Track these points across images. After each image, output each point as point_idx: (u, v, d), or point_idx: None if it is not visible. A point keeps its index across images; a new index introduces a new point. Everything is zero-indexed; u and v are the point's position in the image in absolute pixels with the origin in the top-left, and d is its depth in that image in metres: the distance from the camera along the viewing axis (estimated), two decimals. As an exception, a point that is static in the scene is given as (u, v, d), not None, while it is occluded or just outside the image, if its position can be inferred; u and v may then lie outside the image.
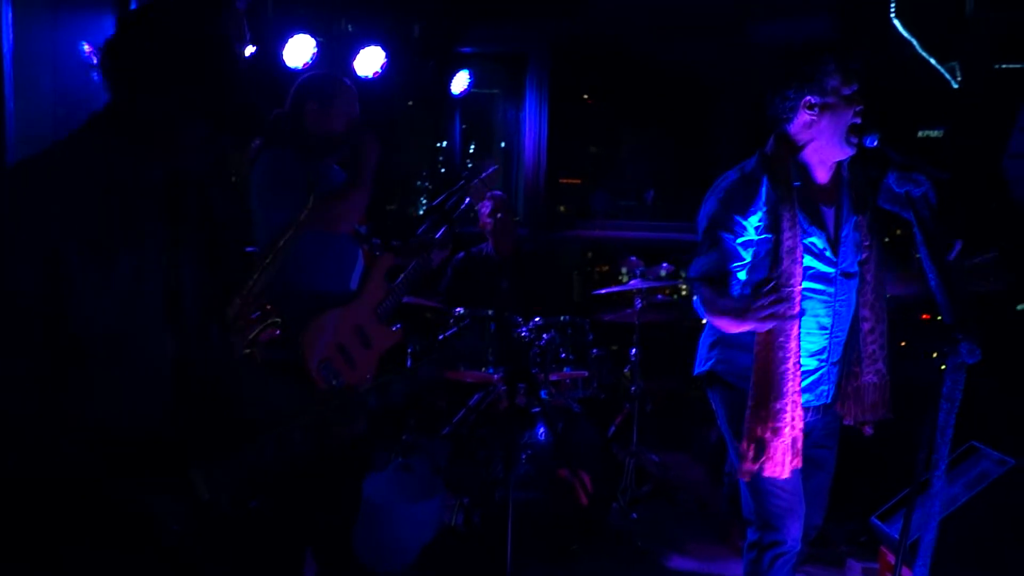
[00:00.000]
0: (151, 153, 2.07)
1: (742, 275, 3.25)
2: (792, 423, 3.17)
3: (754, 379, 3.20)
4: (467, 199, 4.44)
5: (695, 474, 6.16)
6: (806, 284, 3.20)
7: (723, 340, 3.41)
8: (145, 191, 2.06)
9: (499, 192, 6.11)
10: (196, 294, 2.16)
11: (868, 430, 3.38)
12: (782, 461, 3.18)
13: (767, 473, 3.19)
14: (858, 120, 3.15)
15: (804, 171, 3.27)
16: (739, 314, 3.09)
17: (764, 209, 3.18)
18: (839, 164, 3.31)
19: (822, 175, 3.28)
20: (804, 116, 3.20)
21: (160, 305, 2.08)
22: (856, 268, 3.30)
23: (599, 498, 4.91)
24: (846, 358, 3.36)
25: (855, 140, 3.15)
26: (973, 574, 3.78)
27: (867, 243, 3.29)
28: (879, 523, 4.18)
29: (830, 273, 3.26)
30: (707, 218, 3.27)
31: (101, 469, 1.95)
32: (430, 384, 2.53)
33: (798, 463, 3.22)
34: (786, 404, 3.16)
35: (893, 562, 3.05)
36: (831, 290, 3.27)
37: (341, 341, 3.63)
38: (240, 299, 2.98)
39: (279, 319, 3.12)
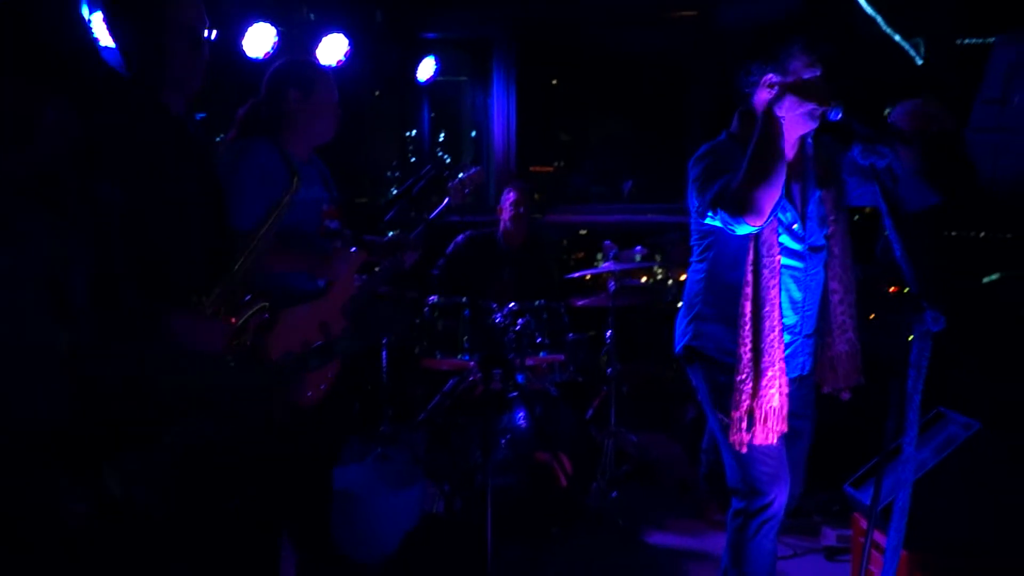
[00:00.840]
0: (9, 146, 2.02)
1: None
2: (780, 389, 3.24)
3: (743, 351, 3.24)
4: (446, 199, 4.39)
5: (673, 453, 6.21)
6: None
7: (699, 315, 3.45)
8: (15, 186, 2.01)
9: (524, 183, 6.15)
10: (86, 284, 2.10)
11: (845, 395, 3.47)
12: (772, 428, 3.24)
13: (758, 441, 3.25)
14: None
15: None
16: (768, 129, 3.04)
17: None
18: (803, 140, 3.34)
19: (787, 151, 3.31)
20: (765, 94, 3.23)
21: (44, 298, 2.03)
22: (823, 242, 3.35)
23: (579, 480, 4.94)
24: (820, 330, 3.41)
25: (817, 114, 3.18)
26: (943, 536, 3.83)
27: (832, 217, 3.34)
28: (852, 490, 4.22)
29: (799, 248, 3.31)
30: (702, 174, 3.27)
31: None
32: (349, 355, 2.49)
33: (784, 427, 3.28)
34: (776, 372, 3.22)
35: (866, 528, 3.09)
36: (801, 265, 3.32)
37: (305, 337, 3.57)
38: (221, 287, 2.94)
39: (267, 303, 3.10)
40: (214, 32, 2.95)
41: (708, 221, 3.21)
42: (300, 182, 3.34)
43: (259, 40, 5.43)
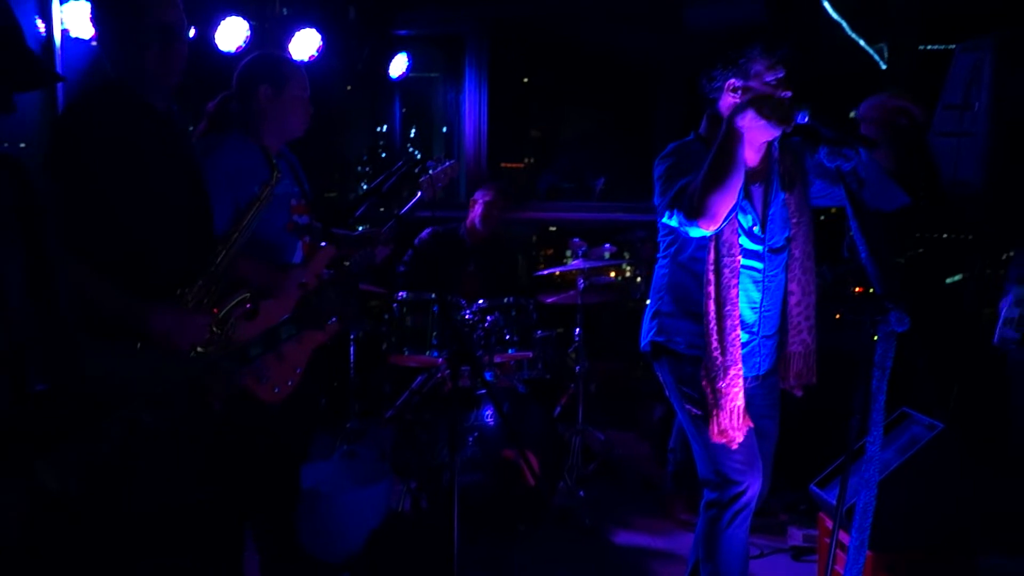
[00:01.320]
0: None
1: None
2: (743, 387, 3.29)
3: (710, 350, 3.27)
4: (419, 193, 4.37)
5: (640, 451, 6.24)
6: None
7: (663, 311, 3.48)
8: None
9: (502, 184, 6.15)
10: (18, 279, 2.06)
11: (798, 392, 3.51)
12: (736, 425, 3.28)
13: (726, 439, 3.29)
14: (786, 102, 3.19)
15: None
16: (728, 139, 3.04)
17: None
18: (769, 143, 3.37)
19: (751, 155, 3.33)
20: (729, 98, 3.26)
21: None
22: (783, 243, 3.38)
23: (546, 478, 4.94)
24: (780, 330, 3.45)
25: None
26: (907, 536, 3.88)
27: (795, 220, 3.37)
28: (817, 490, 4.26)
29: (758, 250, 3.34)
30: (664, 174, 3.30)
31: None
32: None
33: (749, 423, 3.32)
34: (738, 370, 3.27)
35: (832, 527, 3.12)
36: (760, 266, 3.35)
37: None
38: (205, 278, 2.96)
39: (249, 293, 3.10)
40: (192, 30, 2.98)
41: (666, 220, 3.25)
42: (279, 173, 3.34)
43: (232, 34, 5.41)
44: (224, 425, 3.05)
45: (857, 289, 5.31)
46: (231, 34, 5.40)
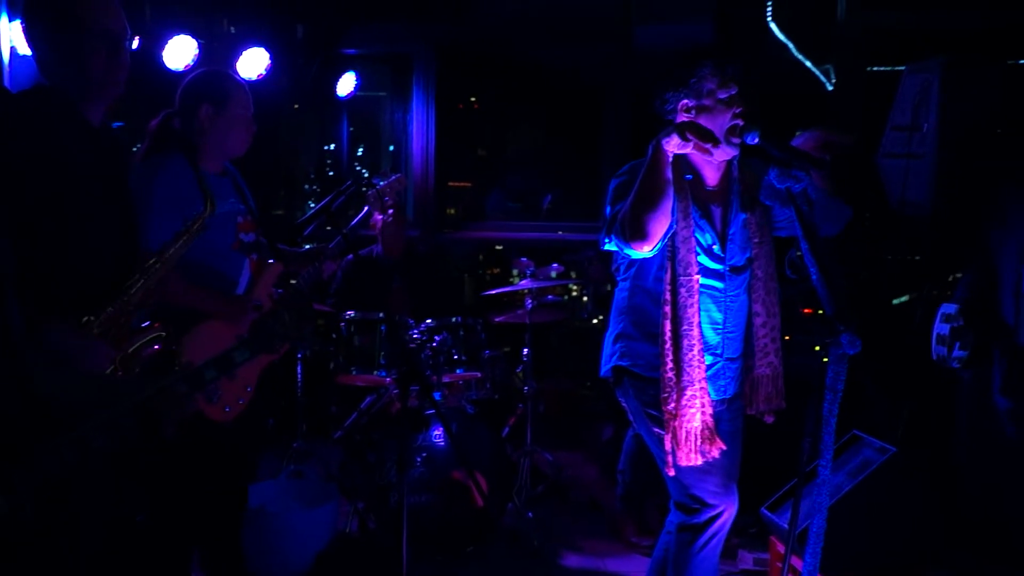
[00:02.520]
0: None
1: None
2: (702, 410, 3.25)
3: (664, 370, 3.25)
4: (365, 207, 4.34)
5: (589, 473, 6.21)
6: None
7: (625, 334, 3.46)
8: None
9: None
10: None
11: (768, 419, 3.49)
12: (696, 449, 3.25)
13: (682, 463, 3.26)
14: (738, 122, 3.20)
15: (693, 169, 3.34)
16: (655, 160, 3.06)
17: None
18: (729, 163, 3.37)
19: (710, 174, 3.35)
20: (682, 118, 3.26)
21: None
22: (744, 263, 3.38)
23: (494, 499, 4.91)
24: (745, 353, 3.44)
25: (736, 141, 3.21)
26: (859, 561, 3.89)
27: (756, 240, 3.37)
28: (768, 513, 4.27)
29: (719, 269, 3.33)
30: (613, 192, 3.31)
31: None
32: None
33: (716, 448, 3.28)
34: (696, 392, 3.24)
35: (783, 551, 3.12)
36: (720, 286, 3.34)
37: (219, 351, 3.50)
38: (115, 307, 2.83)
39: (163, 334, 3.00)
40: (136, 40, 2.89)
41: (608, 246, 3.27)
42: (214, 206, 3.26)
43: (180, 52, 5.36)
44: (172, 445, 2.97)
45: (805, 310, 5.33)
46: (179, 52, 5.36)
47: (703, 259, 3.29)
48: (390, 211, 5.88)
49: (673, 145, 3.02)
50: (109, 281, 2.83)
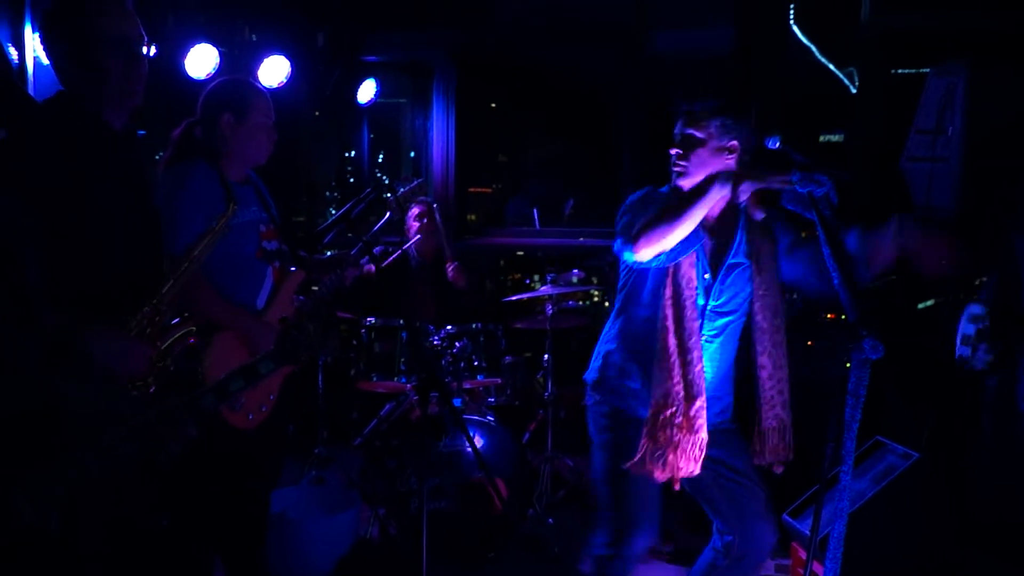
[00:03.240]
0: None
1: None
2: (707, 422, 3.26)
3: (671, 384, 3.24)
4: (387, 213, 4.33)
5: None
6: None
7: (620, 348, 3.48)
8: None
9: (426, 197, 6.08)
10: (2, 311, 2.03)
11: (777, 469, 3.45)
12: (697, 457, 3.25)
13: (683, 474, 3.25)
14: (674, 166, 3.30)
15: None
16: (708, 194, 3.08)
17: None
18: (734, 206, 3.36)
19: (713, 209, 3.33)
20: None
21: None
22: (732, 311, 3.38)
23: (515, 505, 4.91)
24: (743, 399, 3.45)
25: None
26: (882, 566, 3.86)
27: (761, 291, 3.35)
28: (790, 520, 4.24)
29: (700, 303, 3.33)
30: (631, 204, 3.33)
31: None
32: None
33: (697, 466, 3.28)
34: (703, 403, 3.24)
35: (805, 557, 3.10)
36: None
37: (242, 360, 3.52)
38: (150, 307, 2.88)
39: (194, 328, 3.04)
40: (152, 48, 2.93)
41: (616, 247, 3.26)
42: (236, 208, 3.30)
43: (201, 61, 5.41)
44: (196, 452, 3.00)
45: (829, 316, 5.30)
46: (201, 61, 5.39)
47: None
48: (424, 219, 5.91)
49: (744, 190, 3.08)
50: (139, 284, 2.88)
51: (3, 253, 2.09)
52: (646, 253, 3.12)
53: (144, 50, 2.94)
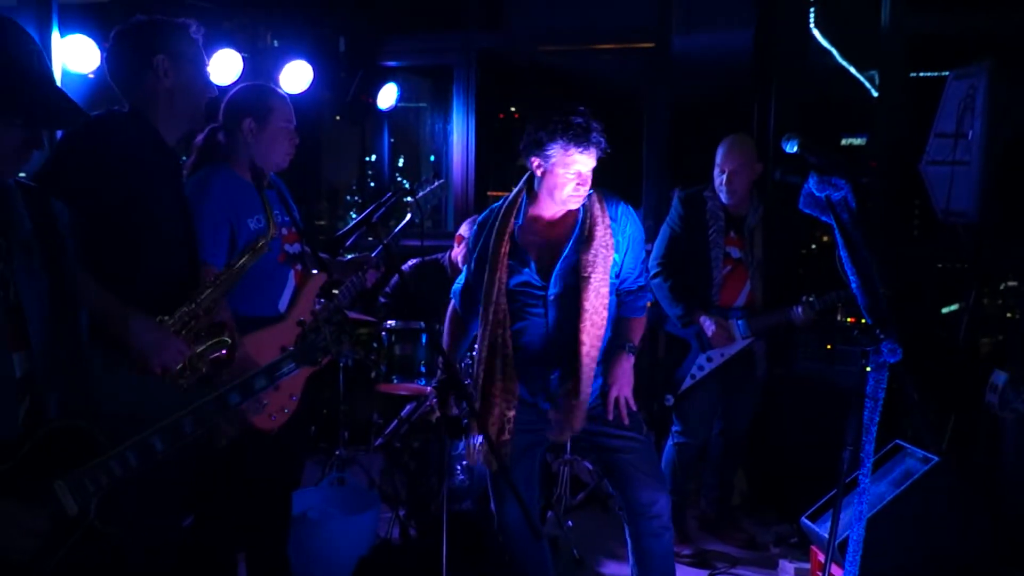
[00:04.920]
0: None
1: None
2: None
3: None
4: (408, 216, 4.35)
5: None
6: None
7: None
8: None
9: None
10: (39, 307, 2.09)
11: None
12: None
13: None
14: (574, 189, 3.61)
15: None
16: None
17: None
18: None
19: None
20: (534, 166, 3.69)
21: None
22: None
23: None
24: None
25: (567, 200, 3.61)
26: (901, 571, 3.85)
27: (585, 274, 3.57)
28: (809, 523, 4.23)
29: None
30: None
31: None
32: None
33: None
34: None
35: (823, 561, 3.10)
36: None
37: (264, 362, 3.57)
38: (188, 309, 2.97)
39: (229, 339, 3.11)
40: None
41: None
42: (275, 228, 3.42)
43: (225, 67, 5.47)
44: (220, 453, 3.09)
45: (849, 319, 5.29)
46: (224, 66, 5.45)
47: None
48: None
49: None
50: (179, 286, 3.02)
51: (61, 254, 2.16)
52: None
53: (202, 72, 3.13)
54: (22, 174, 2.29)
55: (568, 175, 3.56)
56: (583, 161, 3.56)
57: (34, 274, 2.10)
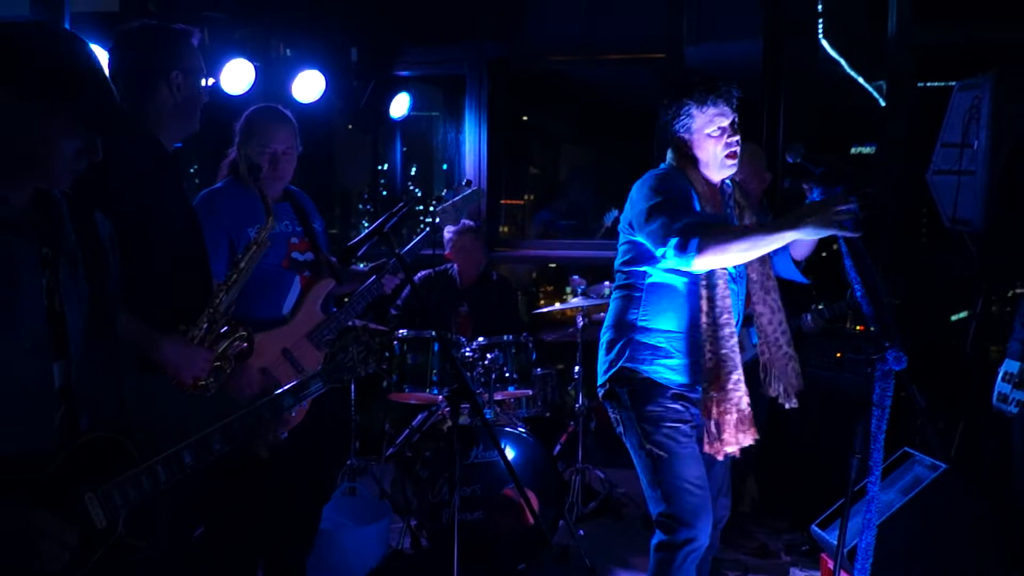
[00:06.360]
0: (16, 176, 2.02)
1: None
2: (747, 393, 3.34)
3: (706, 360, 3.31)
4: (437, 220, 4.33)
5: (641, 489, 6.19)
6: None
7: (631, 339, 3.48)
8: (10, 215, 2.02)
9: (467, 222, 6.07)
10: (80, 318, 2.12)
11: (792, 402, 3.58)
12: (735, 436, 3.33)
13: (721, 454, 3.35)
14: (728, 149, 3.37)
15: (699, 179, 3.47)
16: (783, 225, 3.08)
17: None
18: (722, 182, 3.52)
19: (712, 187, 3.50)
20: (681, 145, 3.45)
21: (41, 331, 2.04)
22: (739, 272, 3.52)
23: (546, 516, 4.93)
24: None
25: (731, 163, 3.39)
26: (910, 577, 3.86)
27: None
28: (819, 531, 4.24)
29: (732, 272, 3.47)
30: (660, 201, 3.32)
31: None
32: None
33: (754, 434, 3.35)
34: (740, 376, 3.32)
35: (833, 568, 3.11)
36: (735, 288, 3.47)
37: (265, 364, 3.62)
38: (207, 318, 3.02)
39: (245, 332, 3.16)
40: (210, 80, 3.14)
41: (660, 248, 3.24)
42: (273, 220, 3.44)
43: (237, 77, 5.48)
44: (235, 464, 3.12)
45: (859, 328, 5.30)
46: (237, 76, 5.47)
47: None
48: (461, 239, 5.93)
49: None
50: (194, 295, 3.06)
51: (102, 266, 2.20)
52: (705, 265, 3.18)
53: (203, 82, 3.14)
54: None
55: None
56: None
57: (77, 285, 2.12)
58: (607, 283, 6.67)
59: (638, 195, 3.40)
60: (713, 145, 3.36)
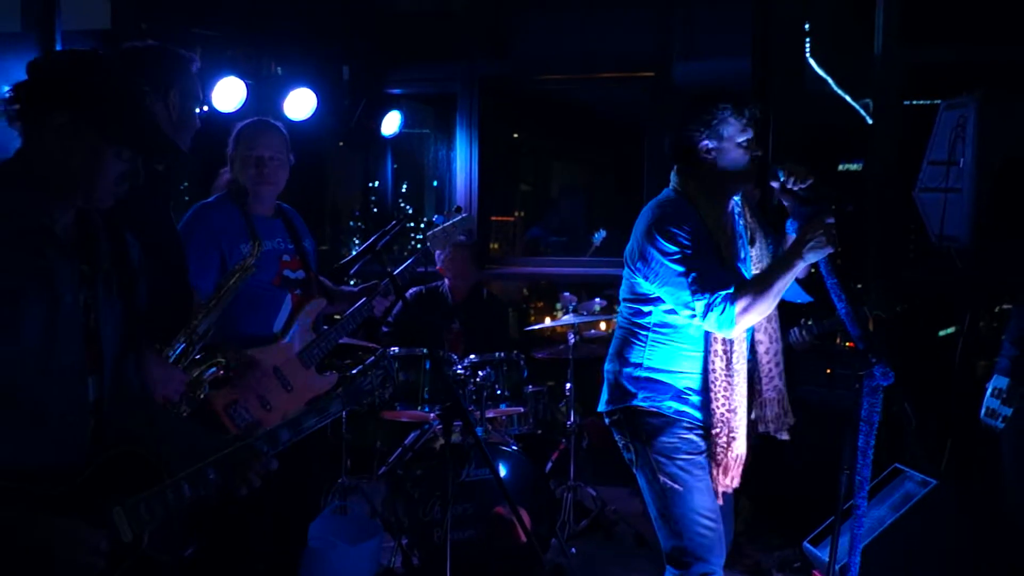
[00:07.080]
0: (67, 196, 2.09)
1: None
2: (745, 435, 3.32)
3: (715, 406, 3.26)
4: (428, 244, 4.34)
5: (633, 507, 6.18)
6: None
7: (647, 376, 3.41)
8: (57, 234, 2.08)
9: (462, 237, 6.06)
10: (113, 334, 2.18)
11: (783, 435, 3.53)
12: (737, 473, 3.33)
13: (721, 487, 3.32)
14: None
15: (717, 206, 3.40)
16: (790, 259, 3.05)
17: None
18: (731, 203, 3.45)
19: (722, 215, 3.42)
20: (702, 156, 3.34)
21: (78, 348, 2.09)
22: None
23: (537, 534, 4.92)
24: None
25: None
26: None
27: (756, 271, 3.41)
28: (811, 547, 4.25)
29: None
30: (678, 250, 3.23)
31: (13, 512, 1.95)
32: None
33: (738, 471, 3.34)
34: (743, 417, 3.30)
35: (824, 585, 3.13)
36: None
37: (254, 382, 3.63)
38: (184, 339, 3.02)
39: (223, 359, 3.16)
40: (205, 107, 3.18)
41: (686, 311, 3.18)
42: (260, 247, 3.45)
43: (229, 94, 5.50)
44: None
45: (848, 344, 5.31)
46: (228, 94, 5.48)
47: None
48: (452, 257, 5.94)
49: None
50: (172, 315, 3.09)
51: (132, 285, 2.26)
52: (745, 327, 3.17)
53: (197, 108, 3.16)
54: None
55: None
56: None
57: (111, 302, 2.18)
58: (598, 300, 6.69)
59: (649, 240, 3.30)
60: (741, 156, 3.30)
